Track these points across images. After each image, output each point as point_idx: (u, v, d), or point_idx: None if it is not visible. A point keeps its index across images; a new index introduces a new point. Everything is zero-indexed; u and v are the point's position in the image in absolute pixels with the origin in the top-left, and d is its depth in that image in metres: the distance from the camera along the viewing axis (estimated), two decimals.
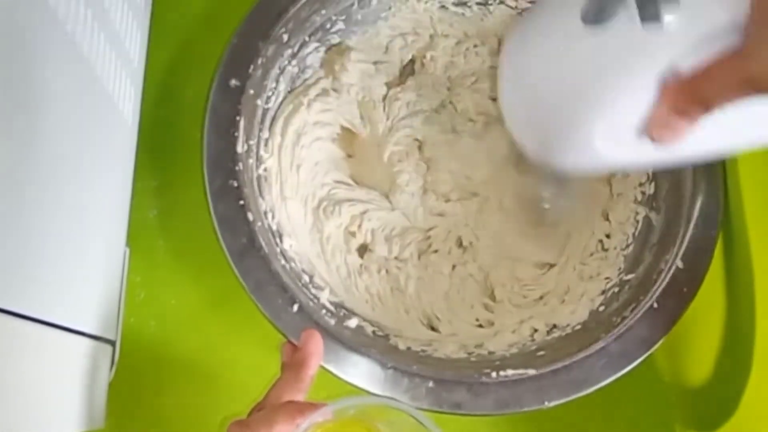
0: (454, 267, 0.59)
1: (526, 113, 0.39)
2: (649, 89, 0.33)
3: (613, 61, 0.33)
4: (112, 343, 0.54)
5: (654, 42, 0.32)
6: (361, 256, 0.59)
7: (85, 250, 0.46)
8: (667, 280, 0.52)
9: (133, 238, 0.59)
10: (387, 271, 0.58)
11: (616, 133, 0.35)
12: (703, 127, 0.33)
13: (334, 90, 0.61)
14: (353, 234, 0.59)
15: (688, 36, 0.31)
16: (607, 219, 0.60)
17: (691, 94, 0.32)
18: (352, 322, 0.54)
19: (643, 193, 0.58)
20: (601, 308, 0.55)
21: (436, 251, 0.59)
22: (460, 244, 0.60)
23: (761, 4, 0.28)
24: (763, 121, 0.35)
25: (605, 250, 0.59)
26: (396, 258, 0.59)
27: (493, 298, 0.58)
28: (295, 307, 0.50)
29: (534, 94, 0.37)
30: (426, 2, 0.63)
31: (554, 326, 0.56)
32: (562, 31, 0.35)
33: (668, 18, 0.31)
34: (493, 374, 0.50)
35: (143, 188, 0.62)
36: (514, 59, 0.39)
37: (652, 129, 0.34)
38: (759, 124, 0.35)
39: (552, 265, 0.59)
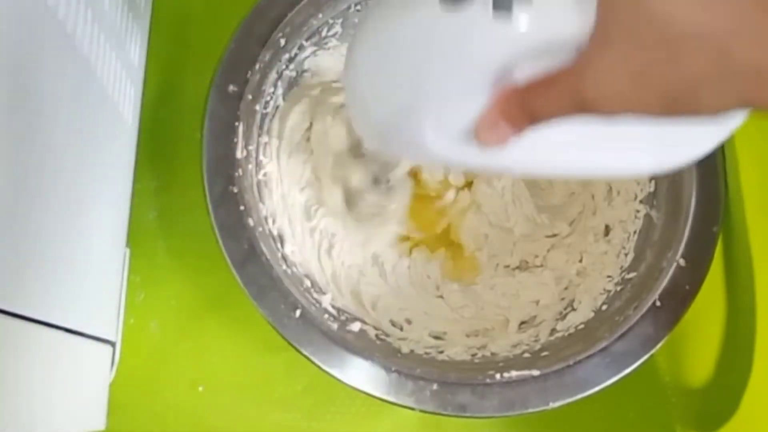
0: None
1: (363, 97, 0.39)
2: (484, 89, 0.33)
3: (453, 47, 0.33)
4: (112, 343, 0.54)
5: (501, 35, 0.32)
6: (364, 260, 0.59)
7: (85, 251, 0.46)
8: (669, 277, 0.52)
9: (133, 238, 0.59)
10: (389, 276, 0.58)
11: (444, 130, 0.35)
12: (530, 140, 0.33)
13: None
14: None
15: (534, 39, 0.31)
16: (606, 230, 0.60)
17: (521, 102, 0.32)
18: (355, 326, 0.54)
19: (642, 191, 0.58)
20: (604, 307, 0.55)
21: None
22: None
23: (603, 26, 0.29)
24: (593, 145, 0.35)
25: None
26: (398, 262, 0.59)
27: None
28: (298, 313, 0.50)
29: (375, 75, 0.37)
30: None
31: (557, 326, 0.56)
32: (416, 10, 0.34)
33: (519, 14, 0.31)
34: (497, 375, 0.49)
35: (143, 189, 0.62)
36: (361, 37, 0.38)
37: (479, 130, 0.34)
38: (589, 148, 0.35)
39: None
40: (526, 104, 0.32)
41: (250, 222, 0.51)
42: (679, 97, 0.28)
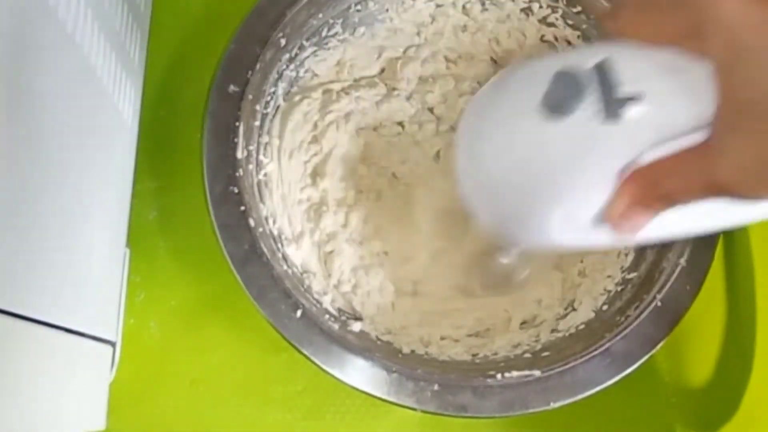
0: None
1: (481, 196, 0.38)
2: (608, 180, 0.32)
3: (571, 152, 0.32)
4: (112, 344, 0.54)
5: (615, 136, 0.31)
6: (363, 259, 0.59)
7: (85, 251, 0.46)
8: (669, 278, 0.52)
9: (133, 239, 0.59)
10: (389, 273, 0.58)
11: (571, 221, 0.34)
12: (662, 217, 0.32)
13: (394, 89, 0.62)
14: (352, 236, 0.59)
15: (651, 132, 0.30)
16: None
17: (653, 189, 0.31)
18: (356, 327, 0.54)
19: None
20: (605, 307, 0.55)
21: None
22: None
23: (728, 107, 0.27)
24: (725, 210, 0.33)
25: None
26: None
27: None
28: (299, 313, 0.50)
29: (489, 180, 0.36)
30: (424, 2, 0.63)
31: (558, 326, 0.56)
32: (520, 118, 0.34)
33: (630, 115, 0.30)
34: (498, 376, 0.49)
35: (143, 189, 0.62)
36: (468, 142, 0.38)
37: (611, 219, 0.32)
38: (721, 212, 0.34)
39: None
40: (658, 189, 0.30)
41: (251, 222, 0.51)
42: None
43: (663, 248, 0.54)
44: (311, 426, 0.60)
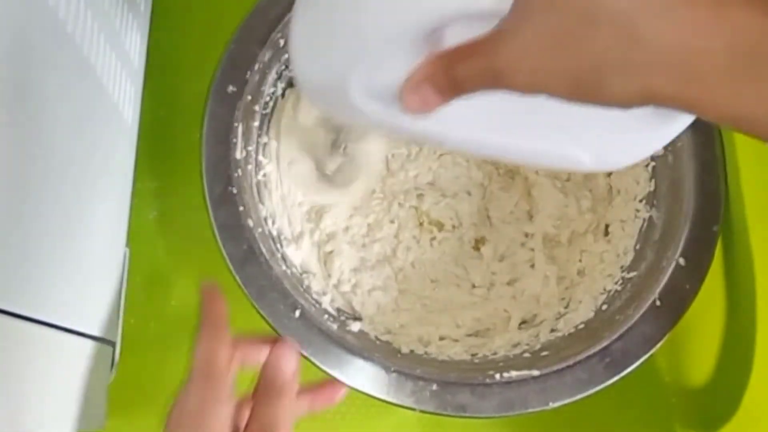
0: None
1: (301, 53, 0.37)
2: (411, 51, 0.32)
3: (380, 6, 0.32)
4: (112, 343, 0.54)
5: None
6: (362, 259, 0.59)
7: (85, 251, 0.46)
8: (669, 277, 0.52)
9: (133, 238, 0.59)
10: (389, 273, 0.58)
11: (374, 89, 0.34)
12: (466, 116, 0.32)
13: None
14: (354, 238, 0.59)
15: (453, 5, 0.30)
16: (606, 230, 0.60)
17: (446, 70, 0.31)
18: (355, 327, 0.54)
19: (642, 190, 0.58)
20: (604, 307, 0.55)
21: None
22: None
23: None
24: (533, 133, 0.34)
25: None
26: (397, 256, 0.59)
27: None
28: (297, 313, 0.50)
29: (311, 31, 0.36)
30: None
31: (557, 326, 0.56)
32: None
33: None
34: (497, 376, 0.49)
35: (143, 189, 0.62)
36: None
37: (404, 92, 0.32)
38: (528, 135, 0.34)
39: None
40: (450, 70, 0.30)
41: (250, 223, 0.51)
42: (584, 79, 0.27)
43: (662, 247, 0.54)
44: (311, 426, 0.59)
